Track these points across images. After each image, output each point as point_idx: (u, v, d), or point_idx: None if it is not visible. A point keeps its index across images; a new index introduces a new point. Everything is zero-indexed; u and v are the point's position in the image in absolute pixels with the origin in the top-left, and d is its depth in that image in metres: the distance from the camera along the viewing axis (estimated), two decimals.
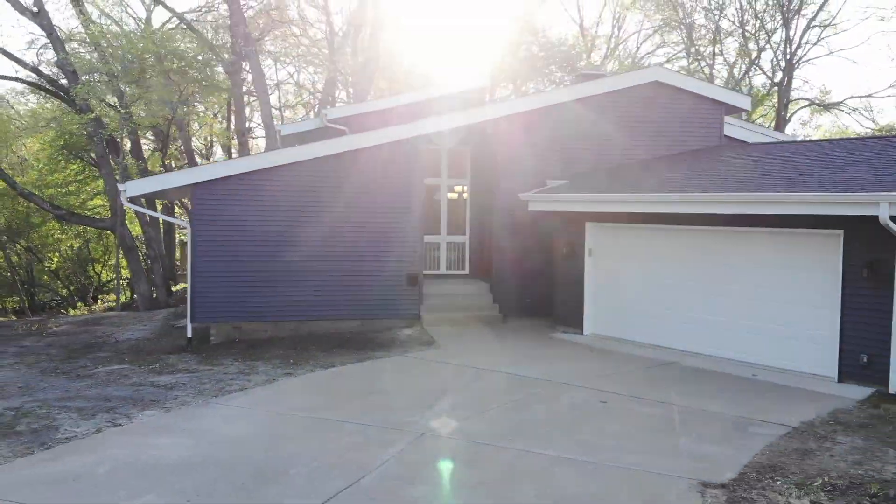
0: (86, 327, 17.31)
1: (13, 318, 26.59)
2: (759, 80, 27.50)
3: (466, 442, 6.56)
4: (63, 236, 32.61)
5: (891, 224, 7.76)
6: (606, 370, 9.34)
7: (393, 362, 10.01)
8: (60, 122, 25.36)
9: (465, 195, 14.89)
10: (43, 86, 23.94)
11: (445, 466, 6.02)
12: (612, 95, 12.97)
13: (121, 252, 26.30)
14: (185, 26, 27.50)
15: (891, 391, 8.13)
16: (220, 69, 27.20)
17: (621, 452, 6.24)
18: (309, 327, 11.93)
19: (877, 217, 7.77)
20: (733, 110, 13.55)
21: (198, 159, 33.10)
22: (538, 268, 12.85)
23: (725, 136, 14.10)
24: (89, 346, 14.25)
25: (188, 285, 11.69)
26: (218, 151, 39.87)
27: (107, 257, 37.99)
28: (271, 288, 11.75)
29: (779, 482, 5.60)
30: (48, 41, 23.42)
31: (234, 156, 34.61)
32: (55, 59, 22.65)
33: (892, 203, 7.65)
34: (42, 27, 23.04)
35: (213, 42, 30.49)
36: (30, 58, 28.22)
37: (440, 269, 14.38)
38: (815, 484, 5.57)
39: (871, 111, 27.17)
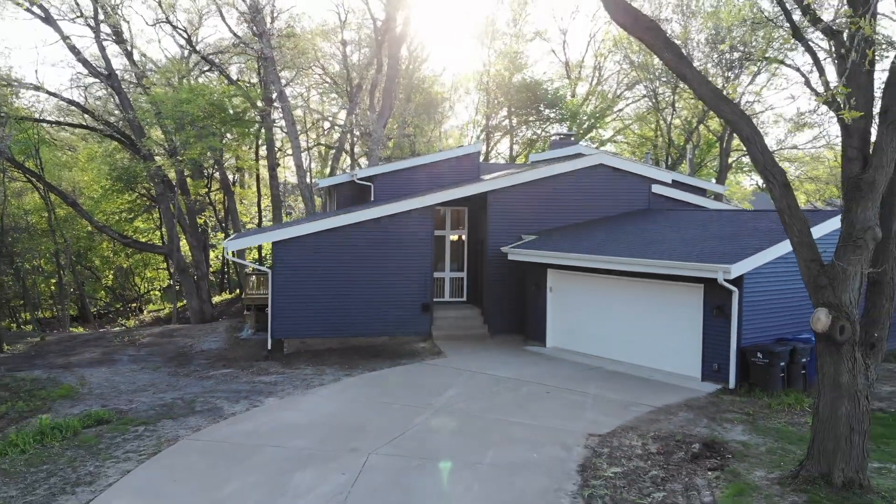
0: (167, 339, 22.08)
1: (81, 328, 31.33)
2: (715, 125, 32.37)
3: (462, 413, 11.39)
4: (114, 256, 37.36)
5: (725, 284, 12.63)
6: (555, 372, 14.20)
7: (415, 367, 14.88)
8: (121, 163, 30.15)
9: (463, 238, 19.76)
10: (114, 136, 28.67)
11: (451, 425, 10.85)
12: (569, 174, 17.85)
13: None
14: (217, 71, 32.34)
15: (730, 387, 12.99)
16: (247, 105, 31.92)
17: (551, 419, 11.08)
18: (353, 342, 16.80)
19: (717, 278, 12.65)
20: (657, 182, 18.44)
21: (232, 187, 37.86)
22: (515, 298, 17.72)
23: (665, 196, 18.89)
24: (183, 355, 19.04)
25: (269, 312, 16.52)
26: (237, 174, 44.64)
27: (145, 271, 42.68)
28: (327, 313, 16.60)
29: (629, 433, 10.46)
30: (115, 96, 28.27)
31: (263, 188, 39.40)
32: (124, 115, 27.47)
33: (725, 271, 12.50)
34: (112, 87, 27.87)
35: (238, 78, 35.34)
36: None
37: (445, 297, 19.27)
38: (649, 435, 10.42)
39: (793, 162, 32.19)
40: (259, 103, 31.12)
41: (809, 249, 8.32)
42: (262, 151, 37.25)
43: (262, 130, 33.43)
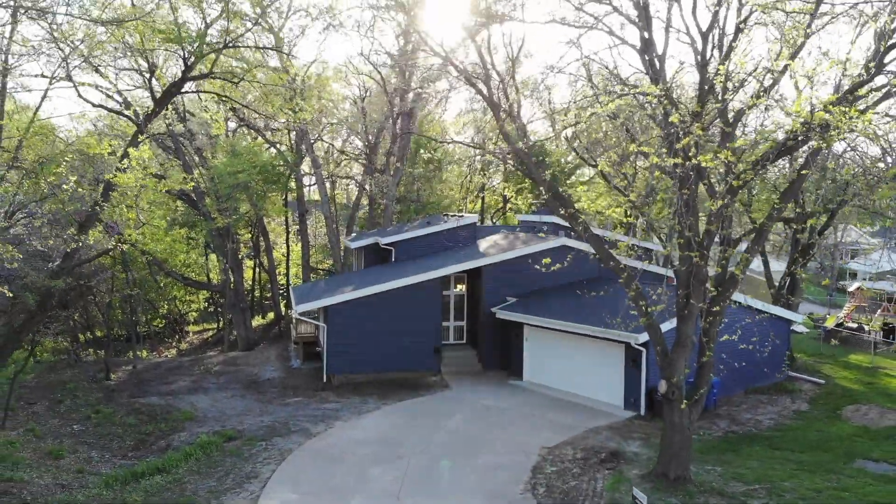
0: (233, 367, 28.42)
1: (146, 352, 37.68)
2: None
3: (464, 432, 17.89)
4: (163, 288, 43.57)
5: (636, 346, 19.20)
6: (528, 401, 20.76)
7: (430, 397, 21.43)
8: (182, 217, 36.57)
9: (463, 295, 26.33)
10: (181, 197, 35.13)
11: (457, 440, 17.38)
12: (541, 252, 24.38)
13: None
14: (257, 133, 38.73)
15: (641, 414, 19.54)
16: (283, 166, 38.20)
17: (521, 436, 17.60)
18: (383, 376, 23.33)
19: (630, 343, 19.21)
20: None
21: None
22: (501, 343, 24.29)
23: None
24: (255, 383, 25.39)
25: (324, 354, 23.02)
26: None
27: (186, 296, 48.84)
28: (367, 354, 23.10)
29: (567, 446, 16.99)
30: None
31: (292, 230, 45.86)
32: (189, 180, 33.90)
33: (635, 339, 19.04)
34: (179, 158, 34.26)
35: (265, 125, 41.59)
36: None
37: (450, 340, 25.85)
38: (579, 447, 16.96)
39: None
40: (288, 156, 37.66)
41: (661, 345, 14.87)
42: (290, 196, 43.59)
43: (293, 178, 39.78)
